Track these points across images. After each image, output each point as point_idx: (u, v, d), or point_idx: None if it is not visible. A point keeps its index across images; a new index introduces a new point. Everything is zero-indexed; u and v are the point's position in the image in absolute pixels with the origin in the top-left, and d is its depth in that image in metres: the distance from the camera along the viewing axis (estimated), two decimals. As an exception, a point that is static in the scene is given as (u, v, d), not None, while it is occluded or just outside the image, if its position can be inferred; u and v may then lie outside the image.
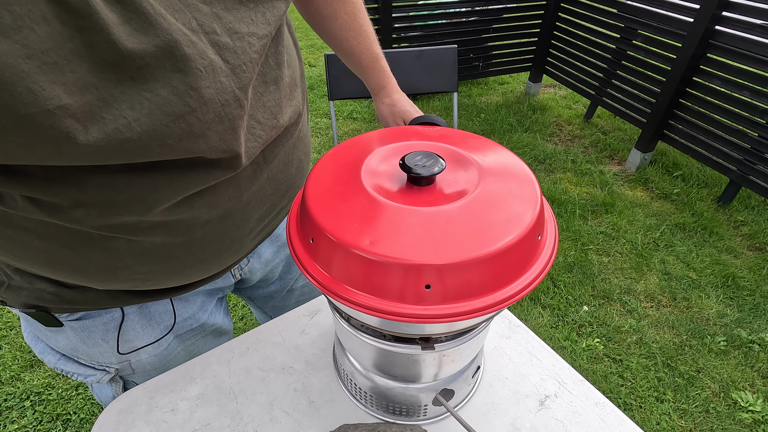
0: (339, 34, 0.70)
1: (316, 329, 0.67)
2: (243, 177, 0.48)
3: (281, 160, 0.53)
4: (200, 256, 0.50)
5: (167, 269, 0.49)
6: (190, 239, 0.47)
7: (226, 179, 0.46)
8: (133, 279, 0.48)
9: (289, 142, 0.54)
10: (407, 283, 0.35)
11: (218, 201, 0.47)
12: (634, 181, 2.49)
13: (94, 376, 0.60)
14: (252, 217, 0.53)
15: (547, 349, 0.65)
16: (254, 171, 0.49)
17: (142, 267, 0.47)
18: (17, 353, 1.52)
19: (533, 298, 1.81)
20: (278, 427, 0.55)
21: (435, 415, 0.56)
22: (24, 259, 0.43)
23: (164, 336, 0.62)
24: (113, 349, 0.57)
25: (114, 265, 0.45)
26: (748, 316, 1.73)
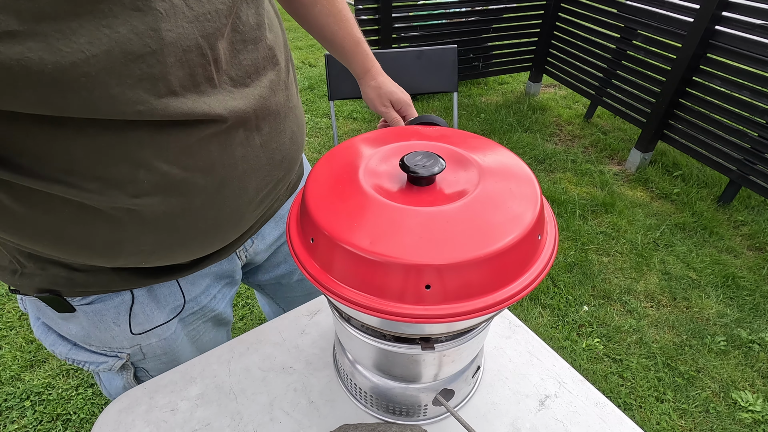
0: (320, 20, 0.71)
1: (316, 329, 0.67)
2: (235, 143, 0.48)
3: (273, 128, 0.53)
4: (201, 227, 0.50)
5: (170, 242, 0.49)
6: (189, 207, 0.47)
7: (215, 141, 0.45)
8: (139, 253, 0.48)
9: (280, 110, 0.54)
10: (407, 283, 0.35)
11: (212, 166, 0.46)
12: (634, 181, 2.49)
13: (106, 363, 0.60)
14: (249, 186, 0.52)
15: (547, 349, 0.65)
16: (246, 137, 0.49)
17: (145, 238, 0.47)
18: (17, 353, 1.52)
19: (533, 298, 1.81)
20: (278, 427, 0.55)
21: (435, 415, 0.56)
22: (33, 239, 0.44)
23: (173, 318, 0.62)
24: (125, 332, 0.58)
25: (118, 237, 0.45)
26: (748, 316, 1.73)
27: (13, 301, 1.70)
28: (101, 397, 1.42)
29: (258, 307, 1.73)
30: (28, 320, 1.63)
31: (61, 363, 1.50)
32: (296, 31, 4.53)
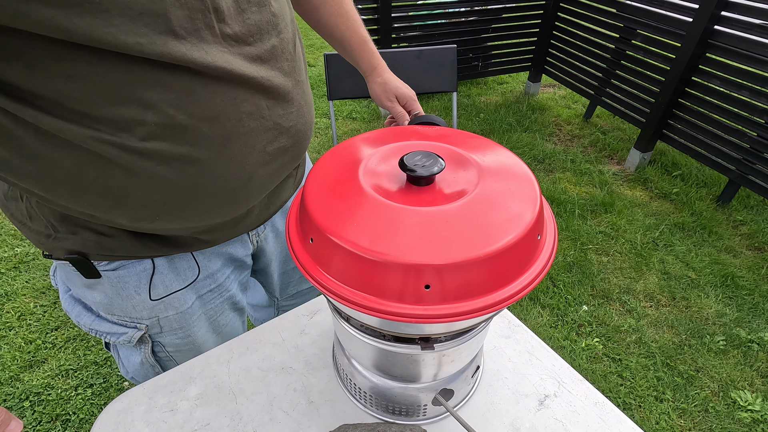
0: (329, 20, 0.75)
1: (316, 329, 0.67)
2: (239, 98, 0.49)
3: (279, 95, 0.54)
4: (211, 181, 0.51)
5: (181, 196, 0.50)
6: (197, 157, 0.48)
7: (219, 93, 0.47)
8: (152, 206, 0.50)
9: (286, 79, 0.54)
10: (407, 283, 0.35)
11: (217, 117, 0.48)
12: (633, 181, 2.49)
13: (126, 334, 0.63)
14: (256, 145, 0.53)
15: (547, 348, 0.65)
16: (251, 96, 0.50)
17: (157, 189, 0.49)
18: (16, 353, 1.52)
19: (533, 297, 1.81)
20: (278, 427, 0.55)
21: (434, 414, 0.56)
22: (54, 188, 0.46)
23: (189, 284, 0.64)
24: (145, 301, 0.61)
25: (131, 185, 0.47)
26: (747, 316, 1.73)
27: (12, 301, 1.70)
28: (100, 397, 1.42)
29: (257, 307, 1.73)
30: (27, 320, 1.63)
31: (60, 363, 1.50)
32: (295, 31, 4.53)
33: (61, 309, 1.68)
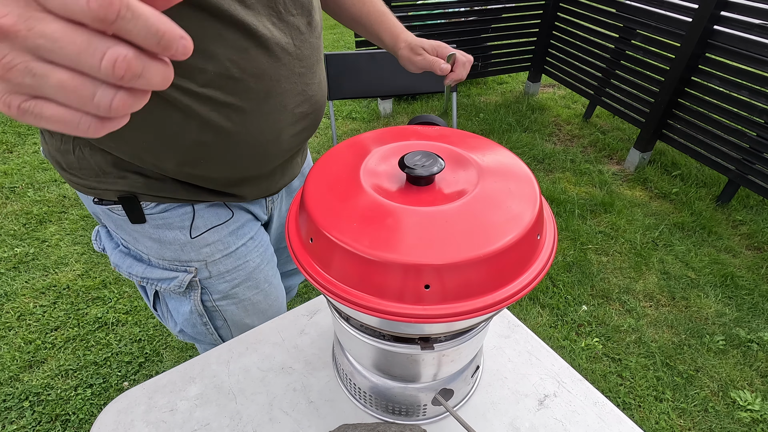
0: (350, 3, 0.77)
1: (316, 329, 0.67)
2: (280, 62, 0.56)
3: (306, 65, 0.61)
4: (250, 132, 0.58)
5: (225, 143, 0.57)
6: (242, 108, 0.55)
7: (265, 54, 0.54)
8: (198, 147, 0.56)
9: (312, 54, 0.62)
10: (406, 283, 0.35)
11: (261, 74, 0.55)
12: (632, 181, 2.49)
13: (177, 279, 0.67)
14: (288, 105, 0.60)
15: (546, 348, 0.65)
16: (288, 62, 0.57)
17: (206, 134, 0.55)
18: (16, 354, 1.52)
19: (532, 297, 1.81)
20: (277, 427, 0.55)
21: (434, 414, 0.56)
22: (116, 134, 0.50)
23: (225, 222, 0.68)
24: (191, 243, 0.66)
25: (185, 128, 0.53)
26: (746, 316, 1.73)
27: (12, 301, 1.70)
28: (100, 397, 1.42)
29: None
30: (27, 321, 1.63)
31: (60, 363, 1.50)
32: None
33: (60, 309, 1.68)
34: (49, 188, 2.26)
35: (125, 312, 1.69)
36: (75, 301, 1.71)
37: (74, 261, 1.88)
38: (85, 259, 1.89)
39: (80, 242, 1.97)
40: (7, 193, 2.22)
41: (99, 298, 1.73)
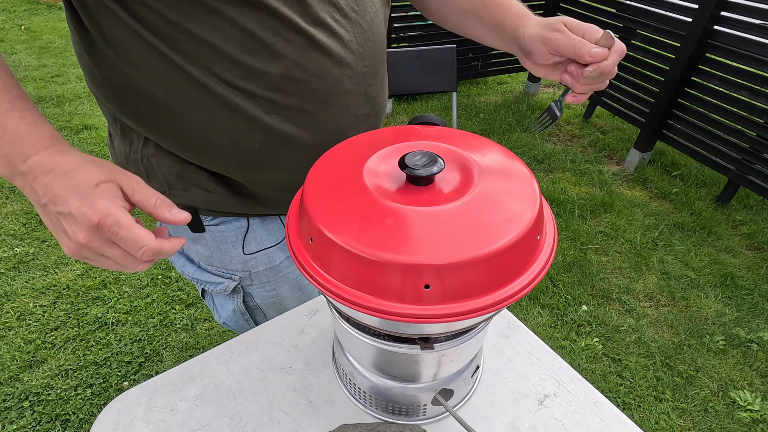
0: None
1: (315, 329, 0.67)
2: (343, 62, 0.55)
3: (369, 66, 0.60)
4: (310, 139, 0.58)
5: (288, 144, 0.57)
6: (303, 109, 0.55)
7: (327, 54, 0.54)
8: (263, 149, 0.56)
9: (377, 53, 0.61)
10: (406, 283, 0.35)
11: (324, 74, 0.54)
12: (632, 181, 2.49)
13: (222, 284, 0.71)
14: (350, 106, 0.59)
15: (546, 348, 0.65)
16: (352, 62, 0.57)
17: (270, 135, 0.55)
18: (16, 353, 1.52)
19: (532, 297, 1.81)
20: (277, 427, 0.55)
21: (434, 414, 0.56)
22: (186, 141, 0.55)
23: (278, 243, 0.71)
24: (240, 256, 0.68)
25: (249, 129, 0.54)
26: (746, 316, 1.73)
27: (12, 301, 1.70)
28: (100, 397, 1.42)
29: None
30: (26, 320, 1.63)
31: (60, 363, 1.50)
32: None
33: (60, 309, 1.68)
34: (49, 188, 2.26)
35: (125, 312, 1.69)
36: (75, 301, 1.71)
37: (74, 261, 1.88)
38: (85, 259, 1.89)
39: (80, 242, 1.97)
40: (7, 193, 2.22)
41: (99, 298, 1.73)
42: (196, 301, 1.74)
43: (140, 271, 0.53)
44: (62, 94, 3.11)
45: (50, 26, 4.30)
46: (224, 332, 1.64)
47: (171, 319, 1.67)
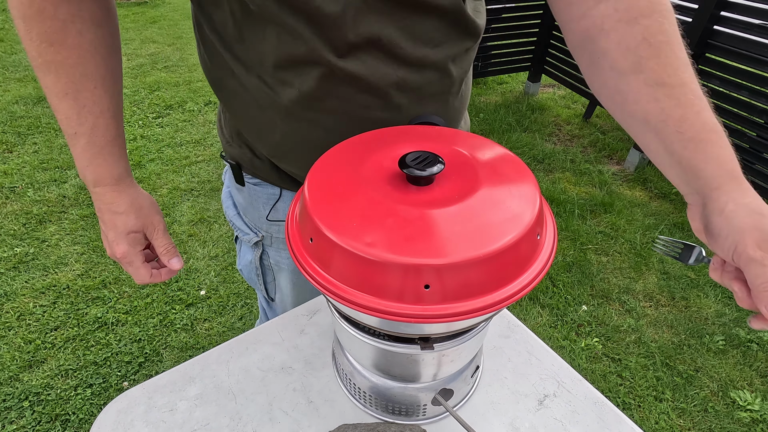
0: (642, 94, 0.46)
1: (315, 329, 0.67)
2: (373, 92, 0.58)
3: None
4: (327, 140, 0.58)
5: (302, 145, 0.60)
6: (320, 124, 0.58)
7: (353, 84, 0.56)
8: (287, 142, 0.61)
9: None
10: (406, 283, 0.35)
11: (349, 98, 0.56)
12: (632, 181, 2.49)
13: (248, 235, 0.78)
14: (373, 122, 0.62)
15: (546, 348, 0.65)
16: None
17: (289, 135, 0.60)
18: (15, 353, 1.52)
19: (532, 297, 1.81)
20: (277, 427, 0.55)
21: (434, 414, 0.56)
22: (235, 116, 0.63)
23: None
24: (264, 217, 0.74)
25: (272, 125, 0.59)
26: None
27: (12, 301, 1.70)
28: (100, 397, 1.42)
29: (257, 307, 1.73)
30: (26, 320, 1.63)
31: (60, 363, 1.50)
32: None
33: (60, 309, 1.68)
34: (49, 188, 2.26)
35: (125, 312, 1.69)
36: (75, 301, 1.71)
37: (74, 261, 1.88)
38: (85, 259, 1.89)
39: (80, 242, 1.97)
40: (7, 193, 2.22)
41: (99, 298, 1.73)
42: (196, 301, 1.74)
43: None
44: (62, 94, 3.10)
45: (50, 26, 4.29)
46: (224, 332, 1.64)
47: (171, 319, 1.67)
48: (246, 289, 1.80)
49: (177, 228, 2.07)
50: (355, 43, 0.51)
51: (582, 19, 0.51)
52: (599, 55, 0.50)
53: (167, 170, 2.45)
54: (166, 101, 3.12)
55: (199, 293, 1.77)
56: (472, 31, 0.59)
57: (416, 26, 0.53)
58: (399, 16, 0.52)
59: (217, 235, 2.05)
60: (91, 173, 0.57)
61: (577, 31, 0.52)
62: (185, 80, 3.42)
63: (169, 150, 2.62)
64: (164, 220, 0.64)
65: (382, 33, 0.52)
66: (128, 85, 3.29)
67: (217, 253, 1.95)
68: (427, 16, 0.53)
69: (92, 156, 0.56)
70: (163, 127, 2.84)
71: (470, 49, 0.63)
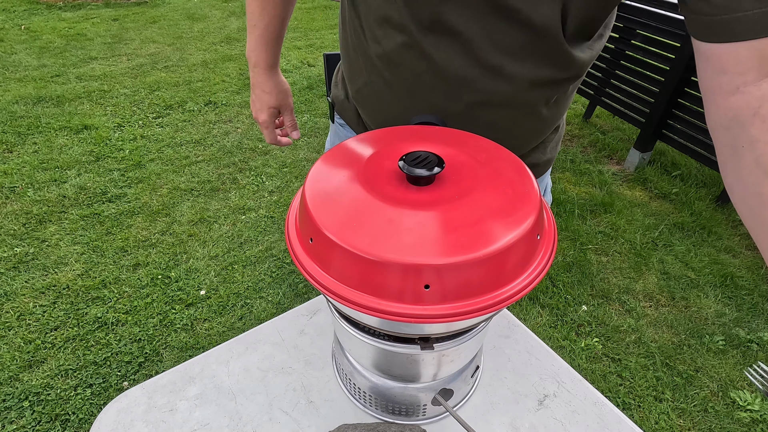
0: (741, 207, 0.44)
1: (315, 329, 0.67)
2: (442, 74, 0.61)
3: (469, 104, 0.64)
4: (395, 100, 0.65)
5: (373, 96, 0.67)
6: (390, 83, 0.63)
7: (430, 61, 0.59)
8: (359, 91, 0.70)
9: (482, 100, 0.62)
10: (406, 283, 0.35)
11: (419, 73, 0.59)
12: (632, 181, 2.49)
13: None
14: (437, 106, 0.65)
15: (546, 348, 0.65)
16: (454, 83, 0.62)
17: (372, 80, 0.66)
18: (15, 353, 1.52)
19: (532, 297, 1.81)
20: (277, 427, 0.55)
21: (434, 414, 0.56)
22: (345, 62, 0.71)
23: None
24: None
25: (354, 68, 0.67)
26: (746, 316, 1.73)
27: (12, 301, 1.70)
28: (100, 397, 1.42)
29: (257, 307, 1.73)
30: (26, 320, 1.63)
31: (60, 363, 1.50)
32: (294, 31, 4.53)
33: (60, 309, 1.68)
34: (49, 188, 2.26)
35: (125, 312, 1.69)
36: (75, 301, 1.71)
37: (74, 261, 1.88)
38: (85, 259, 1.89)
39: (80, 242, 1.97)
40: (7, 193, 2.22)
41: (99, 298, 1.73)
42: (196, 301, 1.74)
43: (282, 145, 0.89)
44: (62, 94, 3.10)
45: (50, 26, 4.30)
46: (224, 332, 1.64)
47: (171, 319, 1.67)
48: (246, 289, 1.80)
49: (177, 228, 2.07)
50: (438, 27, 0.54)
51: (733, 94, 0.41)
52: (745, 144, 0.41)
53: (167, 170, 2.45)
54: (166, 101, 3.12)
55: (199, 293, 1.77)
56: (561, 58, 0.54)
57: (499, 33, 0.52)
58: (487, 17, 0.51)
59: (217, 235, 2.05)
60: (254, 57, 0.76)
61: (723, 107, 0.43)
62: (185, 80, 3.42)
63: (169, 150, 2.62)
64: (292, 101, 0.86)
65: (464, 27, 0.52)
66: (128, 85, 3.29)
67: (217, 253, 1.95)
68: (514, 26, 0.51)
69: (259, 45, 0.74)
70: (163, 127, 2.84)
71: (559, 82, 0.58)
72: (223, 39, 4.22)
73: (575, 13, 0.51)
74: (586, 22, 0.53)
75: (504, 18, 0.51)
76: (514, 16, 0.50)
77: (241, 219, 2.15)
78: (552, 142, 0.78)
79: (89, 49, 3.85)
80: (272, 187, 2.36)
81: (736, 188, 0.44)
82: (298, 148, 2.69)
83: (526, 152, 0.73)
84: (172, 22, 4.60)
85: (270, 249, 1.99)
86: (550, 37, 0.52)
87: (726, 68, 0.41)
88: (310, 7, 5.22)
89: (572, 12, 0.50)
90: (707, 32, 0.42)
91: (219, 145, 2.68)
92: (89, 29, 4.26)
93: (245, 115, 3.03)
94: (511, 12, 0.50)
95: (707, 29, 0.42)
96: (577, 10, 0.50)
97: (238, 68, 3.65)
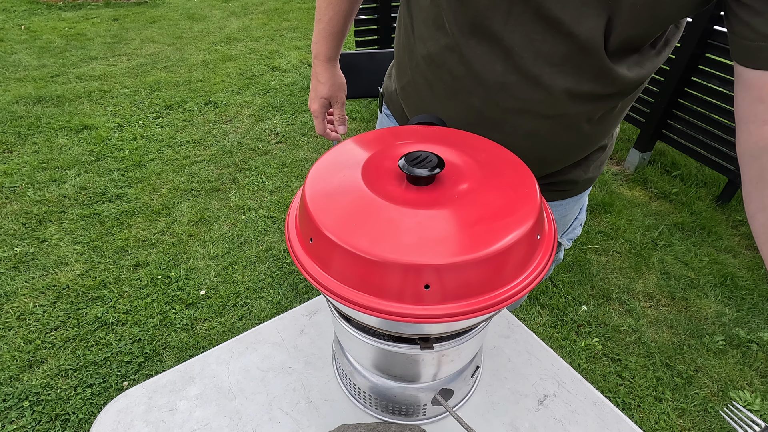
0: (759, 232, 0.45)
1: (315, 329, 0.67)
2: (480, 81, 0.63)
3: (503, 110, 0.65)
4: (435, 101, 0.67)
5: (415, 93, 0.70)
6: (430, 84, 0.65)
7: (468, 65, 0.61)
8: (403, 88, 0.73)
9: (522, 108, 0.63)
10: (406, 283, 0.35)
11: (459, 76, 0.61)
12: (632, 181, 2.49)
13: None
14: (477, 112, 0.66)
15: (546, 348, 0.65)
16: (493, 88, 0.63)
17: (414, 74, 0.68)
18: (15, 353, 1.52)
19: (532, 297, 1.81)
20: (277, 427, 0.55)
21: (434, 414, 0.56)
22: (396, 57, 0.74)
23: None
24: None
25: (403, 66, 0.70)
26: (746, 316, 1.73)
27: (12, 301, 1.70)
28: (100, 397, 1.42)
29: (257, 307, 1.73)
30: (26, 320, 1.63)
31: (60, 363, 1.50)
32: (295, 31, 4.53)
33: (60, 309, 1.68)
34: (49, 188, 2.26)
35: (125, 312, 1.69)
36: (75, 301, 1.71)
37: (74, 261, 1.88)
38: (85, 259, 1.89)
39: (80, 242, 1.97)
40: (7, 193, 2.22)
41: (99, 297, 1.73)
42: (196, 301, 1.74)
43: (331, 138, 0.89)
44: (62, 94, 3.10)
45: (50, 26, 4.30)
46: (224, 332, 1.64)
47: (171, 319, 1.67)
48: (246, 289, 1.80)
49: (177, 228, 2.07)
50: (480, 31, 0.55)
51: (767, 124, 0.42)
52: None
53: (167, 170, 2.45)
54: (166, 101, 3.12)
55: (199, 293, 1.77)
56: (603, 74, 0.54)
57: (540, 42, 0.52)
58: (528, 26, 0.51)
59: (217, 235, 2.05)
60: (316, 48, 0.80)
61: (755, 136, 0.43)
62: (185, 80, 3.42)
63: (169, 150, 2.62)
64: (345, 96, 0.89)
65: (505, 34, 0.52)
66: (128, 85, 3.29)
67: (217, 253, 1.95)
68: (555, 37, 0.51)
69: (321, 37, 0.78)
70: (163, 127, 2.84)
71: (601, 97, 0.57)
72: (223, 39, 4.22)
73: (620, 30, 0.49)
74: (631, 40, 0.52)
75: (546, 28, 0.50)
76: (556, 26, 0.50)
77: (241, 219, 2.15)
78: (596, 162, 0.74)
79: (89, 49, 3.85)
80: (272, 187, 2.36)
81: (758, 217, 0.44)
82: (298, 148, 2.69)
83: (566, 167, 0.71)
84: (172, 22, 4.60)
85: (270, 249, 1.99)
86: (591, 51, 0.51)
87: (764, 98, 0.42)
88: (310, 7, 5.21)
89: (618, 28, 0.49)
90: (746, 57, 0.43)
91: (219, 145, 2.68)
92: (89, 29, 4.26)
93: (245, 115, 3.03)
94: (554, 22, 0.50)
95: (747, 54, 0.43)
96: (622, 27, 0.49)
97: (238, 68, 3.65)
